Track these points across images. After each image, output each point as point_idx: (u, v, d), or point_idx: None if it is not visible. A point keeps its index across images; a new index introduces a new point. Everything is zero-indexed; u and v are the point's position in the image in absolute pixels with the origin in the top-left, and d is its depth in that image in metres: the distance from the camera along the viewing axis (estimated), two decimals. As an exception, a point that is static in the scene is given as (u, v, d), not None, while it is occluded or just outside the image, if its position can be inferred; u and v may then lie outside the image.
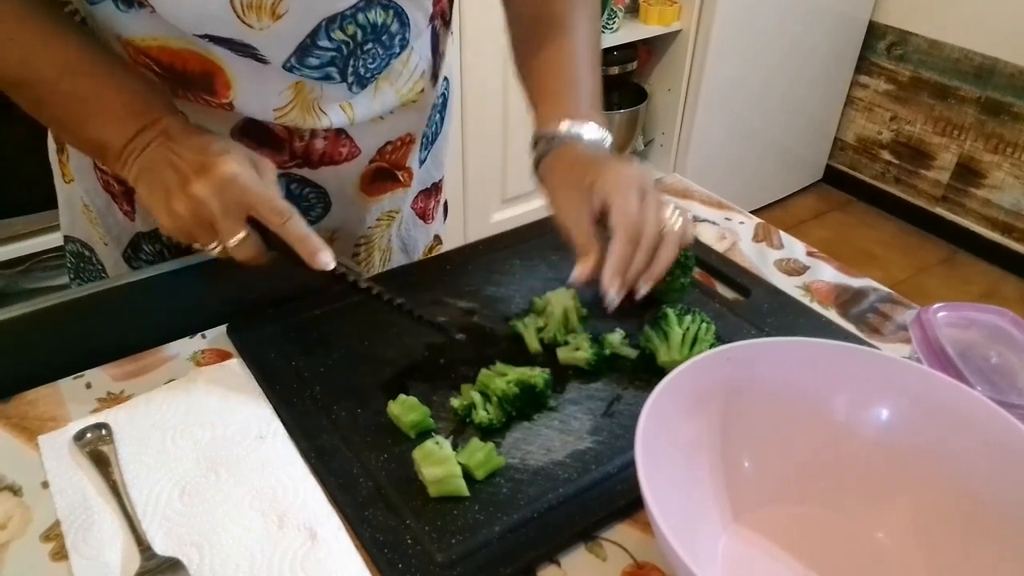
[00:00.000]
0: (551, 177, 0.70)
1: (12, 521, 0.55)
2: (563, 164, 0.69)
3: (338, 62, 0.67)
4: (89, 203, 0.79)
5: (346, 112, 0.71)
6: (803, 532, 0.55)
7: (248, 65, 0.65)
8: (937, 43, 2.51)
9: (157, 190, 0.60)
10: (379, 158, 0.78)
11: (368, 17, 0.65)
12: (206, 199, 0.58)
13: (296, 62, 0.65)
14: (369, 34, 0.66)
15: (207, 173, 0.58)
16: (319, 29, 0.63)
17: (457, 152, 1.96)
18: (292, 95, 0.68)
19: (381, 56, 0.69)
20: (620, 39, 2.22)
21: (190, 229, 0.60)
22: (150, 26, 0.62)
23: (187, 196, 0.58)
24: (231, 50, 0.63)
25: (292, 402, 0.63)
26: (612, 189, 0.64)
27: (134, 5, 0.61)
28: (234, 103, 0.66)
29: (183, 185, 0.58)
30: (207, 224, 0.59)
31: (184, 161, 0.59)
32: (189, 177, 0.58)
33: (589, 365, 0.66)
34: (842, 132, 2.89)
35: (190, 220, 0.59)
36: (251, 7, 0.59)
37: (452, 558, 0.51)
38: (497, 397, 0.60)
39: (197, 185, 0.58)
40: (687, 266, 0.72)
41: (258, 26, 0.61)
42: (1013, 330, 0.66)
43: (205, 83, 0.65)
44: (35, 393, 0.65)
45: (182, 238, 0.61)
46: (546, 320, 0.70)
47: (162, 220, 0.60)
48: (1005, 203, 2.50)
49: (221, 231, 0.59)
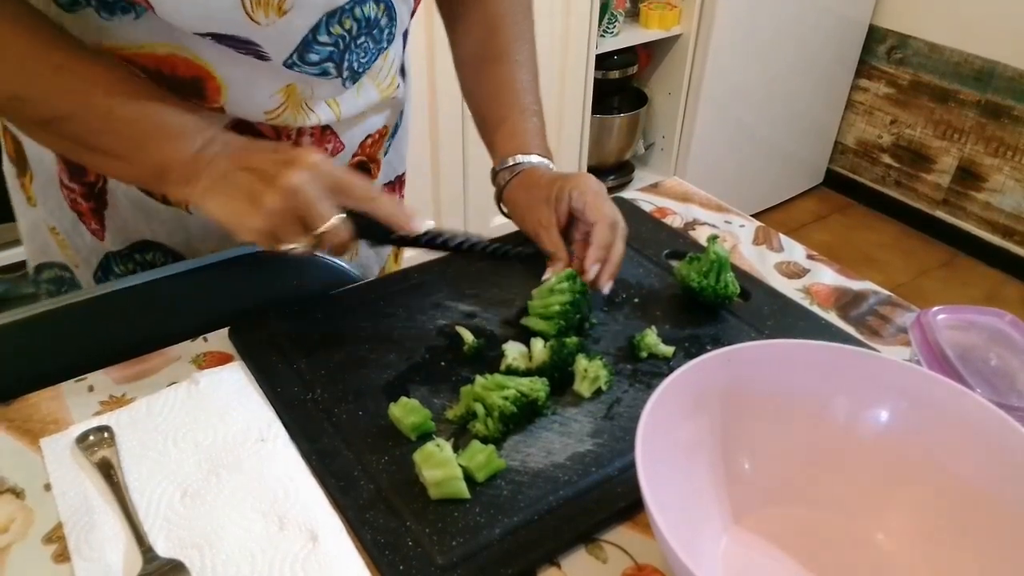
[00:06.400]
0: (517, 199, 0.78)
1: (14, 523, 0.55)
2: (526, 185, 0.77)
3: (335, 57, 0.67)
4: (55, 225, 0.77)
5: (333, 109, 0.72)
6: (803, 534, 0.55)
7: (240, 69, 0.65)
8: (937, 46, 2.51)
9: (236, 197, 0.59)
10: (360, 152, 0.80)
11: (363, 11, 0.66)
12: (301, 186, 0.58)
13: (297, 59, 0.65)
14: (363, 28, 0.68)
15: (294, 164, 0.59)
16: (320, 24, 0.64)
17: (457, 154, 1.97)
18: (283, 98, 0.68)
19: (371, 50, 0.71)
20: (620, 43, 2.23)
21: (281, 225, 0.59)
22: (134, 33, 0.62)
23: (279, 189, 0.58)
24: (232, 48, 0.62)
25: (293, 404, 0.63)
26: (582, 194, 0.72)
27: (116, 12, 0.60)
28: (225, 107, 0.66)
29: (270, 181, 0.58)
30: (299, 217, 0.59)
31: (263, 161, 0.60)
32: (275, 173, 0.58)
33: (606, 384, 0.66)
34: (842, 135, 2.89)
35: (284, 213, 0.58)
36: (259, 3, 0.59)
37: (453, 560, 0.51)
38: (498, 411, 0.60)
39: (288, 176, 0.58)
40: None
41: (264, 22, 0.61)
42: (1013, 332, 0.67)
43: (194, 88, 0.65)
44: (38, 396, 0.65)
45: (268, 241, 0.60)
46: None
47: (250, 223, 0.59)
48: (1006, 206, 2.50)
49: (318, 216, 0.59)
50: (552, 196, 0.74)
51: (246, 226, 0.59)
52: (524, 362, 0.66)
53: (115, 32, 0.62)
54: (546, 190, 0.75)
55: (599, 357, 0.65)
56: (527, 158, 0.78)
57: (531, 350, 0.67)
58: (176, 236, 0.77)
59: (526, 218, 0.76)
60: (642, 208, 0.93)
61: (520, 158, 0.78)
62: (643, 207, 0.94)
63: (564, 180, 0.74)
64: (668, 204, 0.96)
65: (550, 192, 0.74)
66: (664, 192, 0.98)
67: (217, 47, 0.62)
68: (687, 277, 0.73)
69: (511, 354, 0.67)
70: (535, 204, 0.75)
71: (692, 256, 0.75)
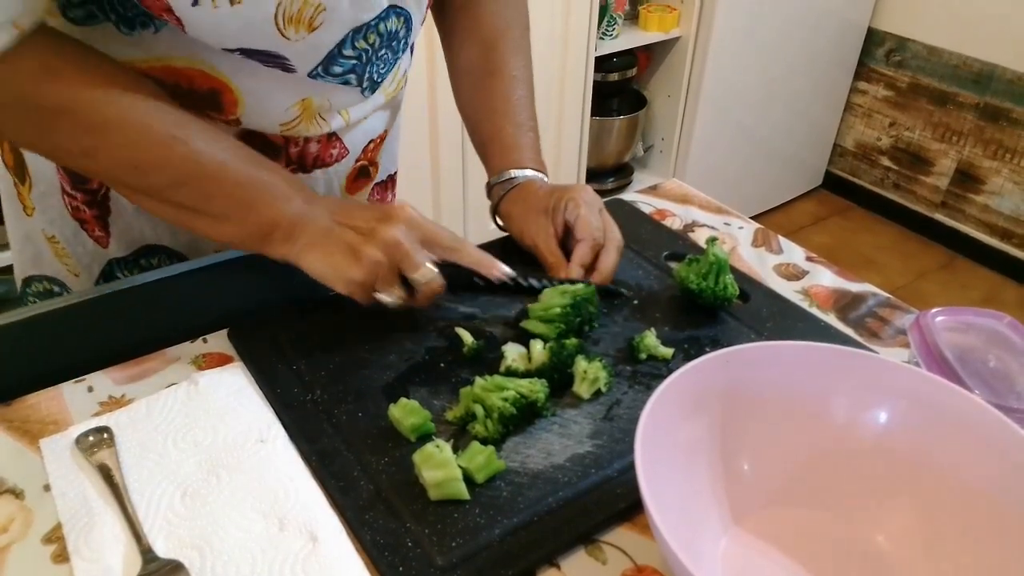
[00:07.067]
0: (512, 211, 0.80)
1: (14, 524, 0.55)
2: (522, 198, 0.79)
3: (358, 69, 0.69)
4: (56, 233, 0.77)
5: (343, 117, 0.73)
6: (803, 535, 0.55)
7: (258, 82, 0.65)
8: (936, 49, 2.52)
9: (336, 252, 0.63)
10: (363, 156, 0.80)
11: (387, 26, 0.68)
12: (400, 239, 0.63)
13: (322, 70, 0.67)
14: (384, 41, 0.69)
15: (392, 219, 0.64)
16: (346, 39, 0.65)
17: (457, 157, 1.97)
18: (299, 111, 0.69)
19: (389, 60, 0.72)
20: (620, 46, 2.23)
21: (379, 277, 0.63)
22: (154, 47, 0.62)
23: (379, 242, 0.62)
24: (260, 62, 0.63)
25: (293, 405, 0.63)
26: (575, 207, 0.75)
27: (137, 27, 0.60)
28: (241, 119, 0.67)
29: (370, 236, 0.63)
30: (396, 269, 0.64)
31: (361, 219, 0.64)
32: (374, 227, 0.63)
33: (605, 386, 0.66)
34: (841, 138, 2.90)
35: (383, 266, 0.63)
36: (291, 20, 0.60)
37: (452, 561, 0.51)
38: (497, 412, 0.60)
39: (387, 230, 0.63)
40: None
41: (295, 38, 0.62)
42: (1011, 334, 0.67)
43: (211, 101, 0.65)
44: (37, 396, 0.65)
45: (364, 294, 0.64)
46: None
47: (351, 275, 0.63)
48: (1004, 209, 2.51)
49: (414, 266, 0.64)
50: (550, 207, 0.76)
51: (347, 277, 0.63)
52: (524, 364, 0.66)
53: (133, 47, 0.62)
54: (544, 201, 0.77)
55: (598, 359, 0.65)
56: (522, 172, 0.80)
57: (531, 352, 0.67)
58: (181, 237, 0.77)
59: (523, 230, 0.79)
60: (641, 210, 0.93)
61: (514, 172, 0.80)
62: (642, 209, 0.94)
63: (561, 192, 0.77)
64: (667, 206, 0.96)
65: (548, 203, 0.77)
66: (663, 194, 0.99)
67: (240, 60, 0.63)
68: (686, 279, 0.74)
69: (511, 355, 0.67)
70: (532, 215, 0.77)
71: (691, 258, 0.75)
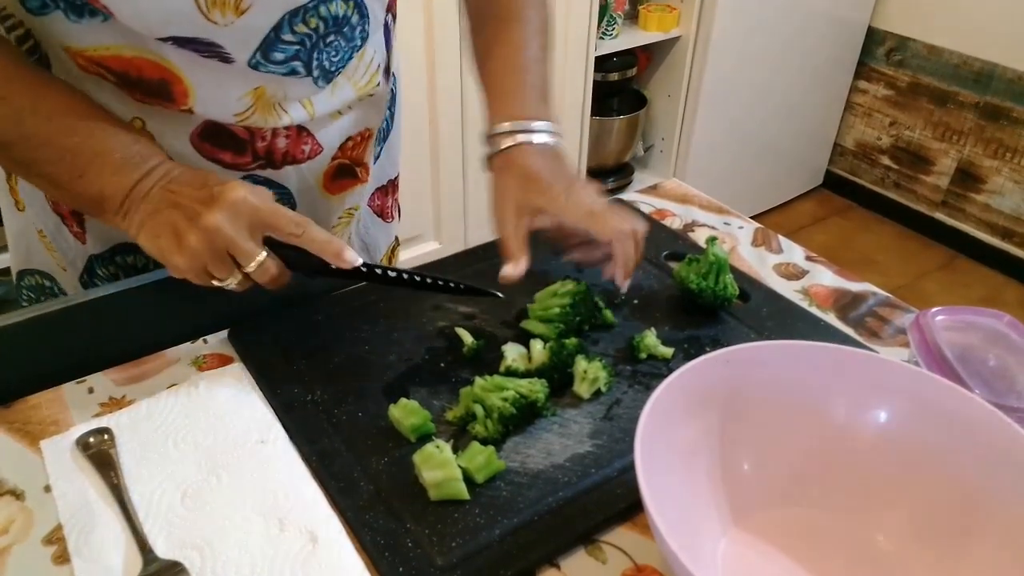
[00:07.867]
0: (500, 182, 0.73)
1: (14, 525, 0.55)
2: (513, 174, 0.71)
3: (302, 55, 0.67)
4: (42, 227, 0.77)
5: (307, 109, 0.71)
6: (802, 535, 0.55)
7: (208, 71, 0.64)
8: (936, 48, 2.52)
9: (164, 234, 0.59)
10: (341, 154, 0.79)
11: (329, 9, 0.66)
12: (220, 225, 0.58)
13: (261, 58, 0.65)
14: (331, 26, 0.67)
15: (216, 201, 0.58)
16: (282, 23, 0.64)
17: (457, 158, 1.97)
18: (252, 100, 0.67)
19: (344, 49, 0.70)
20: (620, 45, 2.23)
21: (206, 264, 0.59)
22: (102, 35, 0.61)
23: (199, 228, 0.58)
24: (195, 51, 0.62)
25: (293, 406, 0.63)
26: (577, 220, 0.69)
27: (85, 15, 0.60)
28: (194, 109, 0.66)
29: (193, 219, 0.58)
30: (223, 254, 0.59)
31: (188, 198, 0.59)
32: (198, 210, 0.58)
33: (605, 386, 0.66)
34: (841, 137, 2.89)
35: (206, 253, 0.58)
36: (215, 3, 0.59)
37: (452, 561, 0.51)
38: (497, 412, 0.60)
39: (208, 215, 0.57)
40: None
41: (223, 22, 0.60)
42: (1011, 333, 0.67)
43: (162, 90, 0.64)
44: (38, 398, 0.66)
45: (198, 278, 0.60)
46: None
47: (175, 262, 0.59)
48: (1005, 208, 2.51)
49: (240, 255, 0.59)
50: (535, 206, 0.70)
51: (172, 263, 0.60)
52: (523, 363, 0.66)
53: (83, 35, 0.61)
54: (532, 194, 0.70)
55: (598, 358, 0.65)
56: (524, 125, 0.72)
57: (530, 351, 0.67)
58: None
59: (499, 210, 0.72)
60: (641, 210, 0.93)
61: (514, 125, 0.72)
62: (642, 209, 0.94)
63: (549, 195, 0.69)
64: (667, 206, 0.96)
65: (534, 200, 0.70)
66: (663, 194, 0.99)
67: (180, 51, 0.62)
68: (686, 279, 0.74)
69: (510, 355, 0.67)
70: (512, 203, 0.70)
71: (691, 257, 0.75)
